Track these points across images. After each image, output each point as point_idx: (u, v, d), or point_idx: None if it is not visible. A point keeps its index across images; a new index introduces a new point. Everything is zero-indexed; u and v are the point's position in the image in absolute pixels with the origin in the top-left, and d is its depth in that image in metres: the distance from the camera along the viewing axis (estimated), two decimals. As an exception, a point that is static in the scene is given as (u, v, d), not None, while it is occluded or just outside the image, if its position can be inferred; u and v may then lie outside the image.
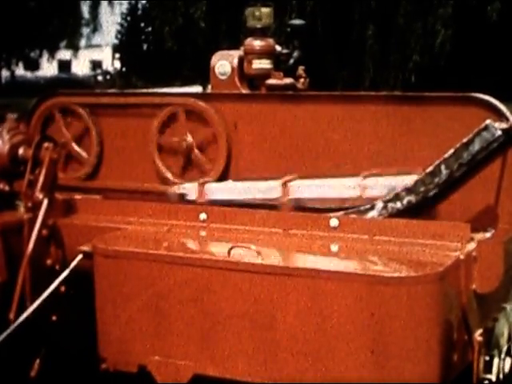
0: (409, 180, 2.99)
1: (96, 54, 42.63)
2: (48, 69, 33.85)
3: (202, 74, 4.82)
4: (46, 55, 31.42)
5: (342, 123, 3.23)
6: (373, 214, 3.01)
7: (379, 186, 3.08)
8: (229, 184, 3.39)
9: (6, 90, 24.66)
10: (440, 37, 17.01)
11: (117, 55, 36.29)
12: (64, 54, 34.34)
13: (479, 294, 2.48)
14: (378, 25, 17.47)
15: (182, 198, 3.41)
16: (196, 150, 3.49)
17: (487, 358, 2.51)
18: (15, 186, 3.19)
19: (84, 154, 3.73)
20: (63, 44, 31.74)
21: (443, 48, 16.98)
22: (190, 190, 3.39)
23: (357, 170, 3.18)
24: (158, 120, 3.54)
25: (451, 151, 2.92)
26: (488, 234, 2.75)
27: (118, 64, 35.78)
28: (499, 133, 2.85)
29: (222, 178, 3.43)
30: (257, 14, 3.59)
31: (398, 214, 2.97)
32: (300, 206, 3.19)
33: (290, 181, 3.23)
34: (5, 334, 2.76)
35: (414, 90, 3.92)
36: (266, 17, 3.59)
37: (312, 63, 3.83)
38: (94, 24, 30.59)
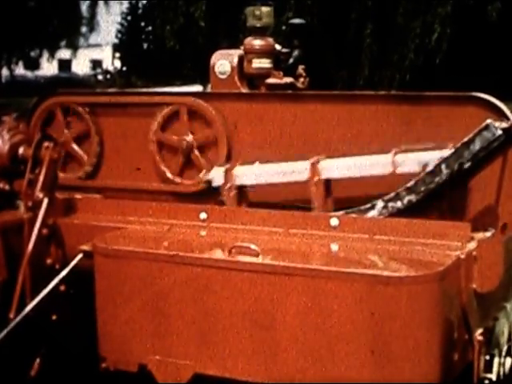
0: (440, 155, 2.92)
1: (96, 53, 42.58)
2: (48, 68, 33.82)
3: (202, 73, 4.81)
4: (46, 54, 31.38)
5: (342, 123, 3.23)
6: (373, 213, 3.01)
7: (411, 162, 3.01)
8: (255, 167, 3.29)
9: (6, 90, 24.62)
10: (438, 36, 16.98)
11: (117, 54, 36.29)
12: (64, 54, 34.29)
13: (479, 293, 2.47)
14: (377, 24, 17.44)
15: (209, 184, 3.33)
16: (195, 150, 3.49)
17: (487, 358, 2.51)
18: (15, 185, 3.18)
19: (84, 153, 3.73)
20: (63, 43, 31.70)
21: (441, 47, 16.95)
22: (217, 175, 3.30)
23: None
24: (158, 119, 3.53)
25: (452, 151, 2.92)
26: (488, 234, 2.75)
27: (118, 63, 35.77)
28: (500, 132, 2.85)
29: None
30: (257, 13, 3.59)
31: (399, 213, 2.97)
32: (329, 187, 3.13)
33: (319, 161, 3.15)
34: (4, 333, 2.76)
35: (412, 89, 3.92)
36: (266, 16, 3.60)
37: (312, 62, 3.83)
38: (92, 23, 30.55)
